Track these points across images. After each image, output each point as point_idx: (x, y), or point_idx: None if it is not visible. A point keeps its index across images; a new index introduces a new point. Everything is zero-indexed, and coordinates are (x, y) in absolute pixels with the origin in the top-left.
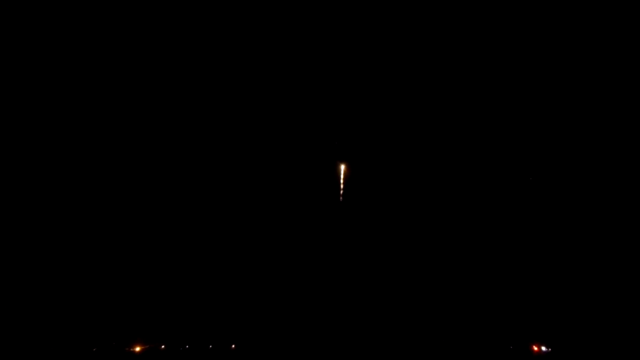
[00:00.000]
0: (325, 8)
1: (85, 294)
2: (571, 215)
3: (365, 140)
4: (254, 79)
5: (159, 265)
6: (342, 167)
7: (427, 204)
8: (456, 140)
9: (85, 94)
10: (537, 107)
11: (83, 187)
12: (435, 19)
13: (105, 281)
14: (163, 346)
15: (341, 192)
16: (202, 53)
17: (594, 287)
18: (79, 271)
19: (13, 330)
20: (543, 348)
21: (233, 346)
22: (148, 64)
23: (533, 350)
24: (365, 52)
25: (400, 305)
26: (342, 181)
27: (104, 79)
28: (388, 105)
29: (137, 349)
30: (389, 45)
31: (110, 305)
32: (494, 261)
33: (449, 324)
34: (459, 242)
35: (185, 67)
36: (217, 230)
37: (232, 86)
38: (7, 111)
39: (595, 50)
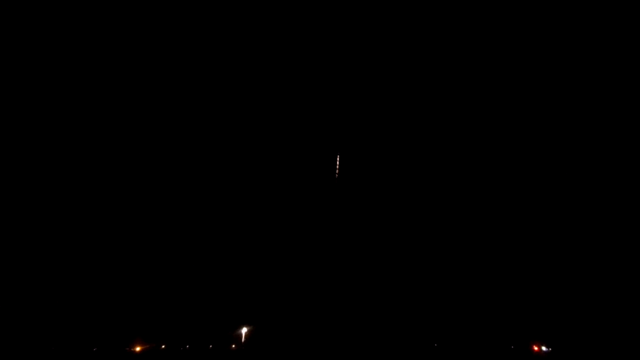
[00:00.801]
0: (318, 8)
1: (86, 294)
2: (571, 216)
3: (361, 132)
4: (249, 71)
5: (159, 265)
6: (338, 158)
7: (426, 202)
8: (456, 139)
9: (85, 95)
10: (522, 96)
11: (83, 188)
12: (425, 16)
13: (106, 281)
14: (163, 346)
15: (336, 183)
16: (200, 48)
17: (594, 287)
18: (79, 271)
19: (13, 330)
20: (543, 348)
21: (233, 346)
22: (146, 63)
23: (533, 350)
24: (358, 47)
25: (400, 305)
26: (337, 173)
27: (104, 79)
28: (383, 99)
29: (137, 349)
30: (379, 40)
31: (110, 305)
32: (494, 261)
33: (449, 324)
34: (459, 243)
35: (182, 59)
36: (216, 230)
37: (229, 80)
38: (7, 111)
39: (595, 51)
